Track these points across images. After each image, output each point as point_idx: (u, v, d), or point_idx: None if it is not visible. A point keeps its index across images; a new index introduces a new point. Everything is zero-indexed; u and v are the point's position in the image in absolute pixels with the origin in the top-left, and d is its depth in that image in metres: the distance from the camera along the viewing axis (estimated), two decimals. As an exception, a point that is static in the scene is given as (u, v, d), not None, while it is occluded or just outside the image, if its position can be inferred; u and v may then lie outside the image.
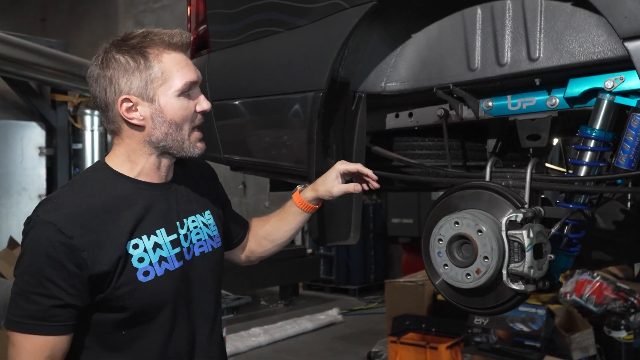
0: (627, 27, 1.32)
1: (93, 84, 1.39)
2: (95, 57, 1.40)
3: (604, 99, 1.67)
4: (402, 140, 2.29)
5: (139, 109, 1.38)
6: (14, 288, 1.34)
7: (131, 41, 1.37)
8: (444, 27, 1.92)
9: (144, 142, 1.41)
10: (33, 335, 1.32)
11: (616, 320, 4.40)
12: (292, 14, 2.00)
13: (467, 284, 1.58)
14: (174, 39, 1.39)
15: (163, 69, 1.37)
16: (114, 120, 1.40)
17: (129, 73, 1.36)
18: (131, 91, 1.36)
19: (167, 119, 1.38)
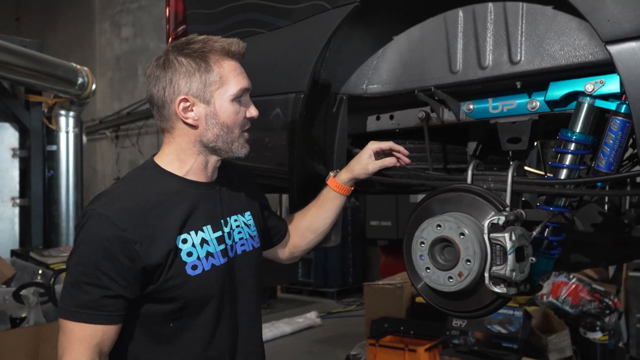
0: (610, 31, 1.33)
1: (153, 82, 1.46)
2: (157, 58, 1.48)
3: (584, 102, 1.68)
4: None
5: (195, 109, 1.45)
6: (67, 278, 1.39)
7: (193, 45, 1.45)
8: (426, 29, 1.91)
9: (195, 141, 1.48)
10: (84, 324, 1.36)
11: (592, 321, 4.47)
12: (274, 14, 1.98)
13: (449, 287, 1.58)
14: (232, 47, 1.48)
15: (221, 74, 1.45)
16: (168, 118, 1.48)
17: (190, 75, 1.43)
18: (190, 92, 1.44)
19: (220, 121, 1.47)
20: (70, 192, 5.85)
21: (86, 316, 1.36)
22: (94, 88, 5.69)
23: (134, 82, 11.46)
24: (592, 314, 4.50)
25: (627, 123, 1.61)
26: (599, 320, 4.44)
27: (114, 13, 11.91)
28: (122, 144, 11.51)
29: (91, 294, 1.36)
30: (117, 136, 11.59)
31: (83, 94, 5.63)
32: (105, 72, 12.00)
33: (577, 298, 4.63)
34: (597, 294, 4.60)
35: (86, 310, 1.36)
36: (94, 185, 12.14)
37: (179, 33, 2.39)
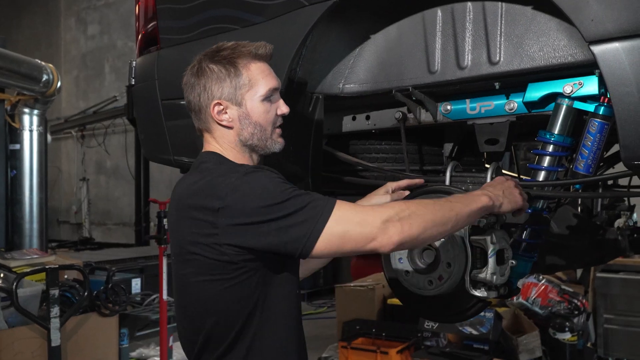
0: (594, 31, 1.31)
1: (189, 89, 1.57)
2: (191, 67, 1.58)
3: (562, 103, 1.66)
4: (359, 144, 2.25)
5: (228, 112, 1.54)
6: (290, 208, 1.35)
7: (222, 52, 1.55)
8: (404, 28, 1.88)
9: (235, 141, 1.56)
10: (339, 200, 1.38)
11: (561, 322, 4.50)
12: (248, 10, 1.92)
13: (428, 291, 1.55)
14: (259, 51, 1.56)
15: (250, 77, 1.54)
16: (206, 121, 1.57)
17: (221, 80, 1.53)
18: (222, 96, 1.53)
19: (253, 121, 1.55)
20: (34, 193, 5.68)
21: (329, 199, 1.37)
22: (59, 85, 5.54)
23: (100, 80, 11.25)
24: (561, 315, 4.54)
25: (605, 125, 1.61)
26: (568, 321, 4.47)
27: (80, 10, 11.67)
28: (88, 143, 11.29)
29: (309, 194, 1.38)
30: (83, 135, 11.37)
31: (48, 92, 5.47)
32: (71, 70, 11.75)
33: (546, 299, 4.67)
34: (566, 294, 4.64)
35: (324, 198, 1.37)
36: (58, 185, 11.88)
37: (148, 30, 2.32)
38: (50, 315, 3.13)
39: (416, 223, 1.35)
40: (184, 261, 1.49)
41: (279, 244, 1.37)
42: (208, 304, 1.46)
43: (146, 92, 2.30)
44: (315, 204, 1.36)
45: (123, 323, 3.86)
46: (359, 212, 1.37)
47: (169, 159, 2.25)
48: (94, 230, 11.37)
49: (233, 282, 1.42)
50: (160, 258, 3.85)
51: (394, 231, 1.33)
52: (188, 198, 1.46)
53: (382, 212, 1.36)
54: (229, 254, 1.40)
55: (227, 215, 1.37)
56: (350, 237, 1.35)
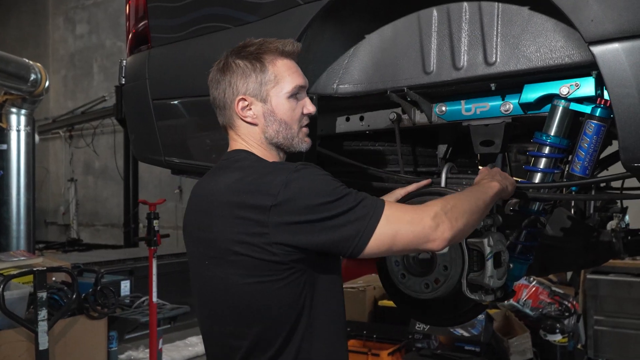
0: (594, 31, 1.30)
1: (214, 85, 1.54)
2: (217, 63, 1.55)
3: (559, 105, 1.65)
4: (352, 145, 2.23)
5: (253, 108, 1.50)
6: (343, 207, 1.32)
7: (249, 48, 1.52)
8: (399, 28, 1.86)
9: (261, 139, 1.52)
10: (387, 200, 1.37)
11: (551, 323, 4.51)
12: (241, 9, 1.89)
13: (425, 294, 1.53)
14: (287, 47, 1.52)
15: (276, 73, 1.50)
16: (230, 118, 1.54)
17: (246, 76, 1.50)
18: (247, 92, 1.50)
19: (278, 118, 1.51)
20: (22, 193, 5.60)
21: (379, 199, 1.37)
22: (47, 85, 5.47)
23: (89, 80, 11.14)
24: (551, 317, 4.54)
25: (602, 127, 1.60)
26: (558, 323, 4.48)
27: (68, 9, 11.56)
28: (76, 144, 11.18)
29: (359, 193, 1.36)
30: (71, 136, 11.25)
31: (36, 91, 5.40)
32: (59, 70, 11.64)
33: (537, 301, 4.68)
34: (557, 296, 4.65)
35: (374, 199, 1.37)
36: (46, 186, 11.76)
37: (139, 28, 2.29)
38: (38, 318, 3.08)
39: (460, 215, 1.36)
40: (225, 263, 1.41)
41: (331, 243, 1.33)
42: (256, 307, 1.40)
43: (137, 91, 2.26)
44: (366, 202, 1.34)
45: (112, 326, 3.80)
46: (408, 210, 1.36)
47: (159, 160, 2.22)
48: (82, 231, 11.26)
49: (282, 283, 1.37)
50: (150, 260, 3.80)
51: (444, 227, 1.33)
52: (232, 196, 1.39)
53: (429, 210, 1.35)
54: (279, 253, 1.35)
55: (279, 213, 1.33)
56: (402, 237, 1.33)
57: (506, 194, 1.56)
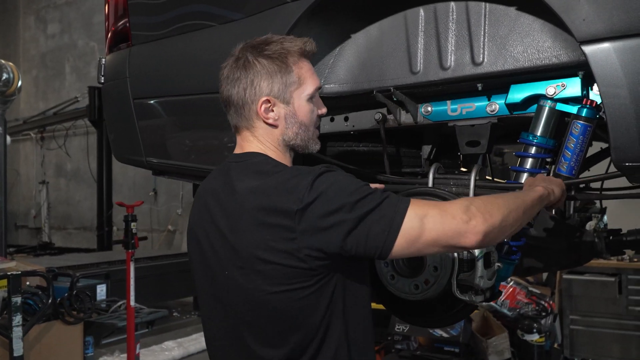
0: (586, 31, 1.30)
1: (231, 84, 1.48)
2: (235, 60, 1.49)
3: (545, 105, 1.66)
4: (336, 146, 2.21)
5: (275, 109, 1.47)
6: (368, 207, 1.29)
7: (272, 46, 1.47)
8: (385, 28, 1.85)
9: (279, 140, 1.49)
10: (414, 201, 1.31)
11: (529, 323, 4.55)
12: (226, 7, 1.87)
13: (415, 295, 1.51)
14: (307, 47, 1.50)
15: (299, 75, 1.48)
16: (249, 118, 1.48)
17: (271, 76, 1.45)
18: (271, 93, 1.46)
19: (299, 120, 1.49)
20: (-8, 196, 5.46)
21: (403, 197, 1.33)
22: (19, 85, 5.35)
23: (60, 80, 10.96)
24: (529, 317, 4.58)
25: (588, 127, 1.60)
26: (535, 323, 4.52)
27: (40, 8, 11.37)
28: (48, 145, 10.99)
29: (383, 192, 1.32)
30: (43, 137, 11.06)
31: (8, 91, 5.27)
32: (30, 70, 11.43)
33: (514, 301, 4.71)
34: (534, 296, 4.70)
35: (398, 196, 1.33)
36: (16, 188, 11.53)
37: (119, 27, 2.24)
38: (12, 324, 3.00)
39: (494, 211, 1.28)
40: (252, 272, 1.36)
41: (358, 244, 1.28)
42: (286, 315, 1.35)
43: (117, 90, 2.21)
44: (390, 200, 1.30)
45: (88, 331, 3.73)
46: (435, 205, 1.31)
47: (140, 160, 2.17)
48: (54, 234, 11.06)
49: (312, 289, 1.33)
50: (128, 263, 3.73)
51: (477, 221, 1.25)
52: (256, 202, 1.35)
53: (458, 204, 1.28)
54: (307, 260, 1.30)
55: (306, 217, 1.29)
56: (430, 234, 1.27)
57: (554, 198, 1.49)
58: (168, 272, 6.19)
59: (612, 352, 4.89)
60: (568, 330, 4.99)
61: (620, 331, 4.82)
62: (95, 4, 10.32)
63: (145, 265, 5.82)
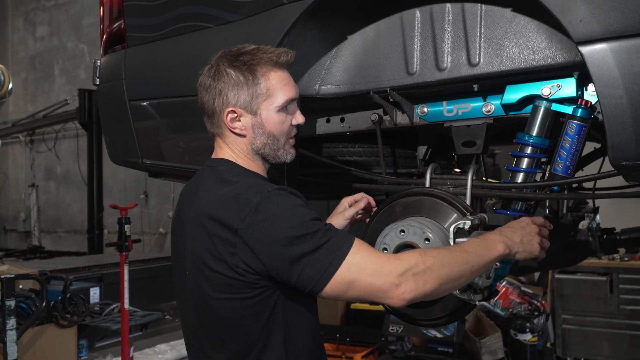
0: (583, 32, 1.32)
1: (203, 92, 1.52)
2: (208, 69, 1.52)
3: (540, 105, 1.67)
4: (332, 147, 2.21)
5: (242, 119, 1.49)
6: (305, 248, 1.30)
7: (242, 57, 1.49)
8: (381, 29, 1.86)
9: (247, 149, 1.52)
10: (357, 241, 1.34)
11: (522, 323, 4.57)
12: (223, 8, 1.86)
13: (414, 295, 1.51)
14: (281, 58, 1.50)
15: (268, 86, 1.49)
16: (218, 126, 1.52)
17: (238, 87, 1.47)
18: (237, 104, 1.48)
19: (267, 131, 1.50)
20: (-18, 200, 5.41)
21: (347, 240, 1.33)
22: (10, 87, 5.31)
23: (50, 83, 10.88)
24: (522, 316, 4.61)
25: (583, 127, 1.62)
26: (528, 322, 4.55)
27: (28, 10, 11.28)
28: (37, 148, 10.90)
29: (330, 230, 1.34)
30: (32, 140, 10.96)
31: (-2, 93, 5.24)
32: (19, 72, 11.33)
33: (507, 300, 4.74)
34: (527, 296, 4.72)
35: (341, 239, 1.33)
36: (5, 191, 11.43)
37: (114, 28, 2.23)
38: (7, 328, 2.98)
39: (431, 279, 1.30)
40: (202, 277, 1.41)
41: (290, 278, 1.32)
42: (228, 321, 1.40)
43: (112, 92, 2.21)
44: (331, 244, 1.31)
45: (82, 334, 3.71)
46: (374, 261, 1.31)
47: (136, 162, 2.17)
48: (44, 238, 10.97)
49: (253, 301, 1.37)
50: (122, 266, 3.72)
51: (407, 288, 1.28)
52: (208, 211, 1.39)
53: (398, 265, 1.29)
54: (246, 275, 1.35)
55: (246, 238, 1.33)
56: (360, 286, 1.30)
57: (510, 257, 1.46)
58: (160, 274, 6.15)
59: (603, 351, 4.93)
60: (560, 330, 5.03)
61: (612, 330, 4.86)
62: (85, 6, 10.27)
63: (138, 268, 5.79)
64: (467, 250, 1.37)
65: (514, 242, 1.43)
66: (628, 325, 4.80)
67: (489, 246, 1.39)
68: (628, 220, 2.80)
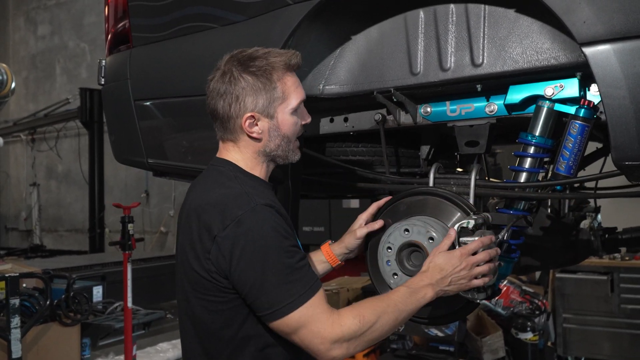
0: (586, 33, 1.33)
1: (216, 97, 1.52)
2: (222, 74, 1.52)
3: (543, 106, 1.68)
4: (335, 146, 2.23)
5: (259, 124, 1.52)
6: (272, 278, 1.36)
7: (257, 62, 1.51)
8: (385, 29, 1.87)
9: (258, 151, 1.55)
10: (318, 293, 1.39)
11: (523, 322, 4.58)
12: (228, 8, 1.88)
13: (418, 293, 1.53)
14: (292, 61, 1.54)
15: (284, 90, 1.52)
16: (233, 132, 1.54)
17: (256, 93, 1.50)
18: (256, 109, 1.50)
19: (282, 133, 1.54)
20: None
21: (317, 284, 1.39)
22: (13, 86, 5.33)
23: (51, 82, 10.89)
24: (523, 315, 4.62)
25: (586, 127, 1.63)
26: (529, 321, 4.56)
27: (29, 9, 11.29)
28: (39, 147, 10.91)
29: (304, 265, 1.40)
30: (33, 139, 10.97)
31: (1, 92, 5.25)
32: (20, 71, 11.34)
33: (508, 300, 4.75)
34: (528, 295, 4.74)
35: (313, 279, 1.39)
36: (6, 190, 11.44)
37: (119, 28, 2.24)
38: (11, 326, 2.99)
39: (361, 344, 1.39)
40: (185, 273, 1.48)
41: (247, 298, 1.39)
42: (202, 321, 1.45)
43: (118, 92, 2.22)
44: (296, 285, 1.37)
45: (85, 332, 3.73)
46: (321, 320, 1.37)
47: (141, 162, 2.18)
48: (45, 237, 10.98)
49: (226, 305, 1.42)
50: (125, 264, 3.73)
51: (337, 353, 1.37)
52: (198, 211, 1.45)
53: (337, 331, 1.36)
54: (219, 279, 1.40)
55: (221, 246, 1.38)
56: (299, 336, 1.37)
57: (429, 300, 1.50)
58: (162, 273, 6.16)
59: (604, 350, 4.94)
60: (561, 329, 5.04)
61: (613, 329, 4.87)
62: (86, 5, 10.27)
63: (140, 267, 5.80)
64: (398, 306, 1.43)
65: (442, 287, 1.48)
66: (629, 325, 4.81)
67: (419, 296, 1.45)
68: (629, 219, 2.81)
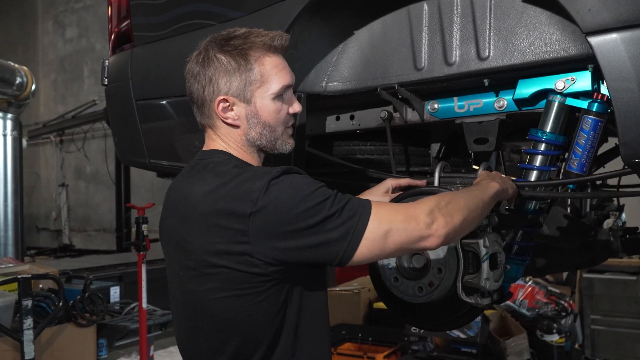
0: (591, 21, 1.24)
1: (191, 80, 1.41)
2: (197, 54, 1.42)
3: (554, 100, 1.60)
4: (343, 145, 2.17)
5: (235, 109, 1.39)
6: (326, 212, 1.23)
7: (233, 41, 1.38)
8: (388, 23, 1.81)
9: (242, 140, 1.42)
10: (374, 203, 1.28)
11: (548, 324, 4.46)
12: (226, 5, 1.84)
13: (419, 298, 1.47)
14: (275, 42, 1.40)
15: (262, 72, 1.39)
16: (209, 117, 1.42)
17: (230, 74, 1.37)
18: (229, 92, 1.38)
19: (262, 120, 1.40)
20: (9, 199, 5.51)
21: (365, 205, 1.26)
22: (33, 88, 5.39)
23: (79, 84, 11.06)
24: (548, 317, 4.50)
25: (599, 122, 1.55)
26: (555, 323, 4.43)
27: (57, 13, 11.48)
28: (67, 148, 11.09)
29: (344, 196, 1.27)
30: (62, 140, 11.16)
31: (22, 95, 5.32)
32: (49, 74, 11.55)
33: (533, 301, 4.63)
34: (553, 296, 4.61)
35: (360, 203, 1.26)
36: (37, 191, 11.66)
37: (122, 28, 2.22)
38: (23, 327, 3.01)
39: (456, 212, 1.29)
40: (201, 275, 1.32)
41: (317, 251, 1.24)
42: (232, 321, 1.31)
43: (119, 92, 2.20)
44: (352, 204, 1.25)
45: (101, 333, 3.74)
46: (399, 208, 1.28)
47: (144, 163, 2.15)
48: (74, 236, 11.16)
49: (261, 297, 1.29)
50: (140, 265, 3.73)
51: (439, 223, 1.25)
52: (209, 205, 1.29)
53: (422, 206, 1.27)
54: (260, 264, 1.26)
55: (260, 221, 1.23)
56: (394, 237, 1.24)
57: (506, 195, 1.50)
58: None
59: (635, 353, 4.79)
60: (589, 331, 4.90)
61: (643, 331, 4.72)
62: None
63: (158, 268, 5.82)
64: (469, 189, 1.41)
65: (500, 181, 1.48)
66: (660, 327, 4.66)
67: (484, 185, 1.45)
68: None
